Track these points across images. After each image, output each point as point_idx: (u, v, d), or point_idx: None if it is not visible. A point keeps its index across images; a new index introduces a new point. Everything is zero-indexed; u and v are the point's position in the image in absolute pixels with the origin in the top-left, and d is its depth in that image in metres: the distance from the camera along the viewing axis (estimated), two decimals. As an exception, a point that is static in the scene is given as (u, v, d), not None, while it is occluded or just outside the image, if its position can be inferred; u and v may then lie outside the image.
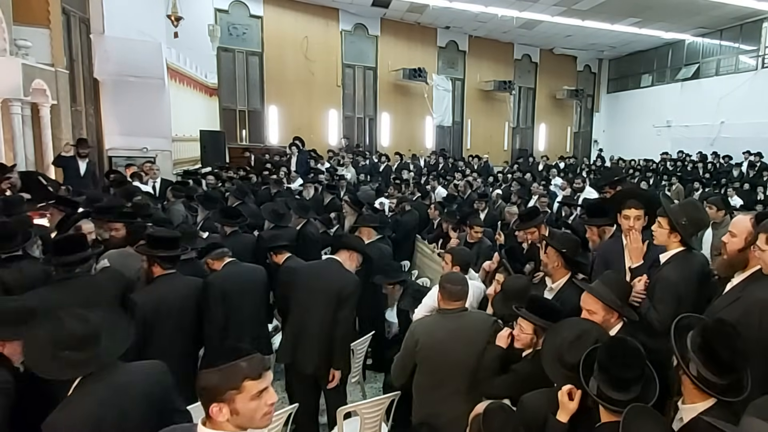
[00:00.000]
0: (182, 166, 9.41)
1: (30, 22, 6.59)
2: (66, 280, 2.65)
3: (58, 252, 2.67)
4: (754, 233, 2.10)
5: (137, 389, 1.79)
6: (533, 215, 3.91)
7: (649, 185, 10.55)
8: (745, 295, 2.09)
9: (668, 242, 2.54)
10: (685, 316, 1.87)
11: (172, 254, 3.00)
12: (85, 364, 1.72)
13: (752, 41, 13.20)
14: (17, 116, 6.19)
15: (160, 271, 2.97)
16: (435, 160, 13.19)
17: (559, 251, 2.95)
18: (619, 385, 1.71)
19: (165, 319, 2.86)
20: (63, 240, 2.74)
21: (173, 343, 2.88)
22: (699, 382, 1.62)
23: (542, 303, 2.46)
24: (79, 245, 2.72)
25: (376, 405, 2.92)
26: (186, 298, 3.01)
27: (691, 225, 2.51)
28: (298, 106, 13.67)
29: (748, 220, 2.16)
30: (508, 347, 2.47)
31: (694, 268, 2.51)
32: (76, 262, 2.67)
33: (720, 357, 1.60)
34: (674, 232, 2.50)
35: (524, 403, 2.04)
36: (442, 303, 2.67)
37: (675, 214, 2.50)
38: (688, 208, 2.61)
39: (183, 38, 9.38)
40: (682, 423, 1.70)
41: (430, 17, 14.06)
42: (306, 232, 5.00)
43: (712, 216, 4.76)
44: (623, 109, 17.50)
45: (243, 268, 3.44)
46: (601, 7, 12.03)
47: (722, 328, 1.67)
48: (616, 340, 1.90)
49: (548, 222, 5.27)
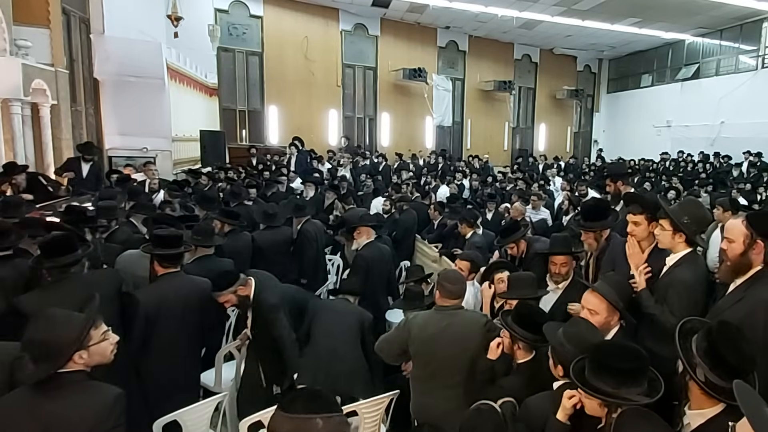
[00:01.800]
0: (182, 166, 9.41)
1: (30, 22, 6.58)
2: (61, 281, 2.62)
3: (49, 254, 2.59)
4: (749, 234, 2.09)
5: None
6: (513, 230, 3.93)
7: (652, 185, 10.53)
8: (748, 296, 2.07)
9: (673, 244, 2.49)
10: (688, 320, 1.85)
11: (171, 252, 2.98)
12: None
13: (752, 41, 13.20)
14: (17, 116, 6.18)
15: (162, 270, 2.97)
16: (435, 159, 13.19)
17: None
18: (609, 375, 1.69)
19: (166, 318, 2.85)
20: (51, 241, 2.64)
21: (174, 343, 2.88)
22: (707, 387, 1.60)
23: (528, 312, 2.42)
24: (68, 246, 2.65)
25: (376, 404, 2.92)
26: (187, 297, 2.97)
27: (693, 223, 2.47)
28: (298, 106, 13.68)
29: (741, 223, 2.13)
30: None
31: (703, 269, 2.51)
32: (70, 263, 2.63)
33: (727, 361, 1.58)
34: (678, 232, 2.46)
35: (528, 406, 2.03)
36: (439, 300, 2.72)
37: (676, 214, 2.47)
38: (688, 206, 2.58)
39: (183, 38, 9.38)
40: (691, 428, 1.68)
41: (430, 17, 14.06)
42: (304, 231, 5.01)
43: (719, 217, 4.76)
44: (623, 109, 17.50)
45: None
46: (601, 7, 12.03)
47: (727, 331, 1.65)
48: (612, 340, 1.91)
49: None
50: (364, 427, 2.88)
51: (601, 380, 1.69)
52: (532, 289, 2.93)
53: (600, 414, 1.73)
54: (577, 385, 1.75)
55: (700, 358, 1.62)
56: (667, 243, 2.50)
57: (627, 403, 1.66)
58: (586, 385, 1.72)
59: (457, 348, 2.58)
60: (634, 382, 1.69)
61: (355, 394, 3.03)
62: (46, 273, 2.66)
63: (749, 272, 2.13)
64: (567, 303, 2.93)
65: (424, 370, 2.68)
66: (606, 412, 1.71)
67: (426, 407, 2.72)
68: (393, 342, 2.78)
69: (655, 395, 1.69)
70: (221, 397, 2.89)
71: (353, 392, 3.06)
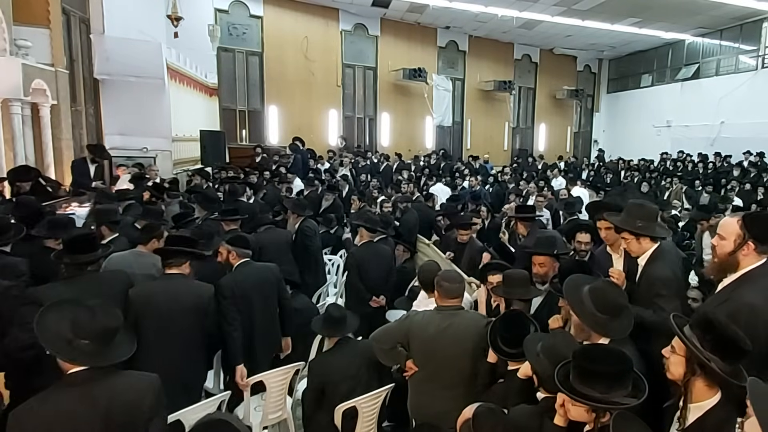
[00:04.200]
0: (182, 166, 9.42)
1: (30, 22, 6.59)
2: (76, 276, 2.72)
3: (72, 251, 2.74)
4: (741, 234, 2.10)
5: (108, 406, 1.79)
6: (528, 209, 4.05)
7: (650, 186, 10.53)
8: (734, 297, 2.08)
9: (642, 248, 2.61)
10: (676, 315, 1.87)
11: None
12: (96, 356, 1.80)
13: (752, 41, 13.20)
14: (17, 116, 6.18)
15: (168, 270, 3.02)
16: (435, 159, 13.19)
17: (551, 255, 3.04)
18: (597, 381, 1.69)
19: (151, 318, 2.81)
20: (76, 239, 2.79)
21: (161, 345, 2.79)
22: (715, 375, 1.63)
23: (513, 323, 2.42)
24: (91, 245, 2.81)
25: (374, 398, 2.95)
26: (175, 301, 2.88)
27: (648, 221, 2.59)
28: (298, 106, 13.68)
29: (736, 222, 2.13)
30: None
31: (674, 258, 2.67)
32: (89, 261, 2.77)
33: (735, 345, 1.62)
34: (639, 237, 2.58)
35: (512, 416, 2.03)
36: (439, 300, 2.73)
37: (629, 223, 2.60)
38: (633, 210, 2.66)
39: (183, 38, 9.37)
40: (688, 422, 1.70)
41: (430, 17, 14.06)
42: (304, 229, 5.04)
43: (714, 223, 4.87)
44: (623, 109, 17.50)
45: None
46: (601, 7, 12.03)
47: (714, 318, 1.70)
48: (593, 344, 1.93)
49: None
50: (363, 420, 2.90)
51: (589, 386, 1.69)
52: (524, 289, 2.90)
53: (587, 419, 1.74)
54: (565, 393, 1.75)
55: (708, 351, 1.64)
56: (637, 249, 2.63)
57: (616, 407, 1.67)
58: (575, 393, 1.71)
59: (456, 348, 2.59)
60: (621, 385, 1.70)
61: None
62: (64, 268, 2.77)
63: (736, 272, 2.14)
64: (548, 307, 2.91)
65: (423, 369, 2.69)
66: (594, 417, 1.72)
67: (424, 407, 2.73)
68: (390, 333, 2.79)
69: (641, 396, 1.70)
70: (224, 396, 2.90)
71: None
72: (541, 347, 2.07)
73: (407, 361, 2.76)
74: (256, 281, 3.37)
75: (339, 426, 2.87)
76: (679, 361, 1.72)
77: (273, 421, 3.27)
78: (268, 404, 3.17)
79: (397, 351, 2.79)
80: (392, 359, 2.86)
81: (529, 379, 2.19)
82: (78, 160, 6.84)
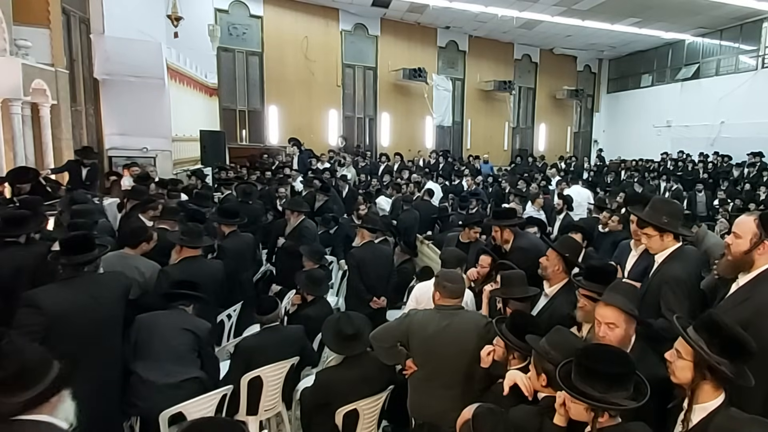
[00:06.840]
0: (182, 166, 9.41)
1: (30, 22, 6.58)
2: (73, 278, 2.68)
3: (68, 251, 2.70)
4: (758, 233, 2.08)
5: None
6: (508, 215, 4.01)
7: (642, 187, 10.53)
8: (754, 296, 2.05)
9: (663, 245, 2.57)
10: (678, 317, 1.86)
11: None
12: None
13: (752, 41, 13.19)
14: (17, 116, 6.17)
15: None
16: (435, 159, 13.18)
17: (561, 255, 2.95)
18: (596, 380, 1.69)
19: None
20: (72, 240, 2.76)
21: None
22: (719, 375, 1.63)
23: (522, 321, 2.40)
24: (87, 246, 2.76)
25: (375, 401, 2.94)
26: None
27: (673, 218, 2.55)
28: (298, 106, 13.67)
29: (753, 221, 2.11)
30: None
31: (695, 262, 2.57)
32: (86, 262, 2.72)
33: (734, 344, 1.62)
34: (663, 233, 2.54)
35: (512, 416, 2.02)
36: (439, 300, 2.73)
37: (654, 218, 2.55)
38: (661, 205, 2.64)
39: (183, 38, 9.37)
40: (692, 424, 1.70)
41: (430, 17, 14.05)
42: (303, 227, 5.04)
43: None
44: (623, 109, 17.50)
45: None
46: (601, 7, 12.03)
47: (720, 320, 1.70)
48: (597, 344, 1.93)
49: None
50: (364, 421, 2.89)
51: (589, 385, 1.69)
52: (522, 288, 2.90)
53: (586, 419, 1.74)
54: (564, 389, 1.75)
55: (716, 354, 1.64)
56: (658, 246, 2.59)
57: (614, 407, 1.67)
58: (574, 390, 1.71)
59: (456, 348, 2.59)
60: (621, 387, 1.69)
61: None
62: (61, 268, 2.75)
63: (752, 271, 2.12)
64: (552, 308, 2.86)
65: (422, 369, 2.69)
66: (592, 417, 1.71)
67: (424, 406, 2.73)
68: (390, 331, 2.77)
69: (641, 399, 1.69)
70: (226, 390, 2.91)
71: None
72: (548, 342, 2.05)
73: (407, 361, 2.77)
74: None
75: (339, 427, 2.86)
76: (686, 365, 1.70)
77: (268, 414, 3.29)
78: (264, 398, 3.19)
79: (397, 350, 2.78)
80: (392, 358, 2.85)
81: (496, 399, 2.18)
82: (70, 162, 6.84)
